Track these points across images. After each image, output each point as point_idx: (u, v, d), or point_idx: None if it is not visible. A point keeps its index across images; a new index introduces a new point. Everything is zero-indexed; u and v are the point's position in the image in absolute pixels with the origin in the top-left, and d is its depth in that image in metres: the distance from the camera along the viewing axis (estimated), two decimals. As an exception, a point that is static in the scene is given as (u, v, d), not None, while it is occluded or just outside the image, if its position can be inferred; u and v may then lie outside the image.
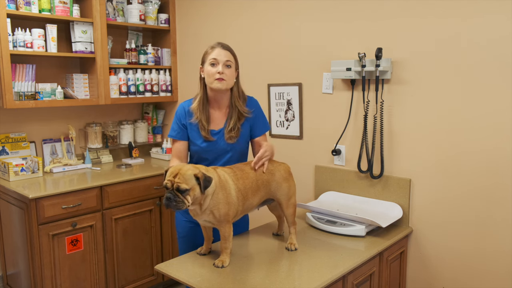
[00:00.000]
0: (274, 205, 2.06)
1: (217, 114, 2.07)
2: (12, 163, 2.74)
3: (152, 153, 3.59)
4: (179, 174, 1.62)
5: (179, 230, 2.16)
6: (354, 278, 1.87)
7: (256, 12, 2.90)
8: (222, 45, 1.99)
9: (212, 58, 1.96)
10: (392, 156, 2.33)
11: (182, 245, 2.16)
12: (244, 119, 2.06)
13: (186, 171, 1.63)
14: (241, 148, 2.10)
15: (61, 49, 3.07)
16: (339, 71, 2.37)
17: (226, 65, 1.97)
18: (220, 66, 1.95)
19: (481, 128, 2.02)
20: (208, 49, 2.00)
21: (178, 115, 2.07)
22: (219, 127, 2.06)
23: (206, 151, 2.05)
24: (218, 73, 1.94)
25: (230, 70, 1.98)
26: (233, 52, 2.02)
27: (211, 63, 1.97)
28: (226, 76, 1.96)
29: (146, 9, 3.36)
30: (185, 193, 1.61)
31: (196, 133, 2.04)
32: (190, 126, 2.05)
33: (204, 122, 2.02)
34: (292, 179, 1.98)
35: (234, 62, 2.00)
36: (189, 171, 1.64)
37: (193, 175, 1.63)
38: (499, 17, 1.91)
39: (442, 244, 2.20)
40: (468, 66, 2.03)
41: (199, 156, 2.08)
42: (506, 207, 1.98)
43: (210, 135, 2.03)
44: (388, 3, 2.25)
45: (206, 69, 1.99)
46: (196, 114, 2.02)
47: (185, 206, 1.63)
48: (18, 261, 2.73)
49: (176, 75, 3.58)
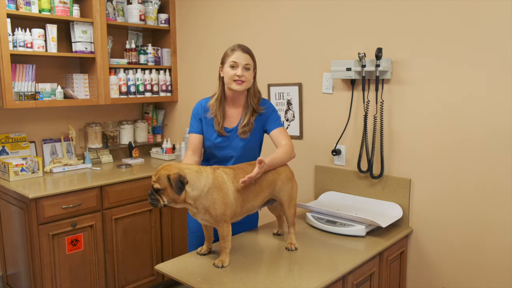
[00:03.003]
0: (275, 205, 2.06)
1: (232, 111, 2.12)
2: (12, 163, 2.74)
3: (152, 153, 3.59)
4: (157, 173, 1.67)
5: (190, 226, 2.20)
6: (354, 278, 1.87)
7: (256, 12, 2.90)
8: (242, 48, 2.04)
9: (232, 61, 2.02)
10: (392, 156, 2.33)
11: (192, 240, 2.20)
12: (256, 115, 2.11)
13: (162, 171, 1.67)
14: (253, 146, 2.13)
15: (61, 49, 3.07)
16: (339, 71, 2.37)
17: (245, 68, 2.03)
18: (240, 70, 2.01)
19: (481, 128, 2.02)
20: (228, 51, 2.05)
21: (195, 111, 2.16)
22: (233, 125, 2.11)
23: (219, 147, 2.10)
24: (237, 75, 2.01)
25: (249, 73, 2.05)
26: (252, 55, 2.08)
27: (231, 65, 2.02)
28: (245, 78, 2.02)
29: (146, 9, 3.36)
30: (159, 192, 1.66)
31: (211, 128, 2.11)
32: (205, 121, 2.12)
33: (219, 118, 2.08)
34: (295, 180, 2.00)
35: (253, 64, 2.07)
36: (164, 171, 1.66)
37: (166, 176, 1.65)
38: (501, 15, 1.92)
39: (442, 244, 2.20)
40: (468, 66, 2.03)
41: (211, 152, 2.14)
42: (506, 207, 1.99)
43: (224, 131, 2.09)
44: (388, 3, 2.25)
45: (225, 71, 2.04)
46: (212, 110, 2.10)
47: (159, 204, 1.68)
48: (18, 261, 2.73)
49: (176, 75, 3.58)
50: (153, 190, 1.67)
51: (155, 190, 1.67)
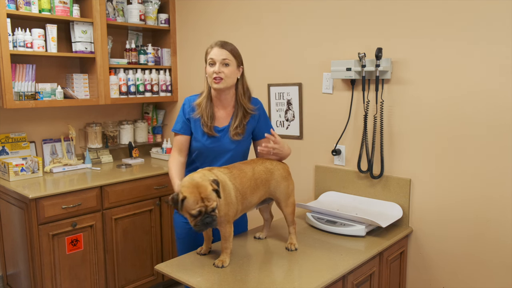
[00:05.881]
0: (265, 207, 2.05)
1: (221, 113, 2.06)
2: (12, 163, 2.74)
3: (152, 153, 3.59)
4: (203, 197, 1.60)
5: (178, 231, 2.15)
6: (354, 278, 1.87)
7: (256, 12, 2.90)
8: (220, 44, 1.97)
9: (210, 58, 1.97)
10: (392, 156, 2.33)
11: (180, 246, 2.15)
12: (249, 116, 2.06)
13: (207, 190, 1.61)
14: (244, 147, 2.10)
15: (61, 49, 3.07)
16: (339, 71, 2.37)
17: (224, 64, 1.95)
18: (217, 66, 1.94)
19: (481, 128, 2.02)
20: (208, 49, 2.00)
21: (184, 108, 2.07)
22: (224, 124, 2.05)
23: (209, 148, 2.03)
24: (214, 72, 1.94)
25: (229, 69, 1.96)
26: (233, 49, 1.99)
27: (209, 63, 1.97)
28: (224, 74, 1.94)
29: (146, 9, 3.36)
30: (215, 209, 1.63)
31: (199, 129, 2.03)
32: (193, 121, 2.04)
33: (206, 119, 2.00)
34: (291, 178, 1.98)
35: (233, 59, 1.98)
36: (208, 188, 1.62)
37: (211, 190, 1.62)
38: (502, 15, 1.91)
39: (442, 244, 2.20)
40: (469, 66, 2.03)
41: (200, 152, 2.06)
42: (506, 207, 1.98)
43: (214, 131, 2.02)
44: (388, 3, 2.25)
45: (206, 70, 2.00)
46: (198, 109, 2.02)
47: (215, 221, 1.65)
48: (18, 261, 2.73)
49: (176, 75, 3.58)
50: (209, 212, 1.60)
51: (212, 210, 1.61)
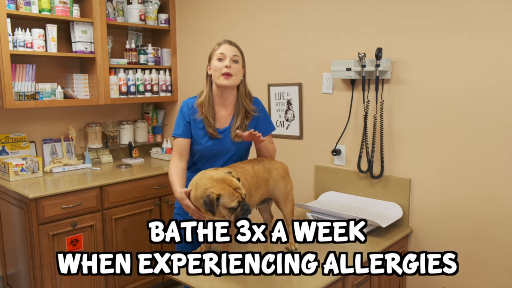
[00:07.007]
0: (264, 207, 2.06)
1: (222, 113, 2.04)
2: (12, 163, 2.74)
3: (152, 153, 3.59)
4: (236, 187, 1.64)
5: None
6: (354, 278, 1.87)
7: (256, 11, 2.90)
8: (229, 41, 2.00)
9: (219, 53, 1.96)
10: (392, 156, 2.33)
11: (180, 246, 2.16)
12: (251, 117, 2.05)
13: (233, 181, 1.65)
14: (245, 148, 2.09)
15: (61, 49, 3.07)
16: (339, 71, 2.37)
17: (234, 60, 1.96)
18: (227, 61, 1.94)
19: (481, 128, 2.02)
20: (215, 46, 2.00)
21: (183, 111, 2.04)
22: (224, 125, 2.04)
23: (210, 150, 2.02)
24: (225, 67, 1.93)
25: (238, 66, 1.97)
26: (240, 49, 2.02)
27: (218, 58, 1.96)
28: (233, 71, 1.95)
29: (146, 9, 3.36)
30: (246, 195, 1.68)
31: (201, 131, 2.01)
32: (195, 124, 2.02)
33: (211, 119, 1.99)
34: (289, 177, 1.98)
35: (241, 58, 2.00)
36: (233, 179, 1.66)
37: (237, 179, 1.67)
38: (499, 16, 1.92)
39: (442, 244, 2.20)
40: (469, 66, 2.03)
41: (202, 155, 2.05)
42: (507, 207, 1.98)
43: (217, 132, 2.00)
44: (388, 3, 2.25)
45: (213, 65, 1.98)
46: (202, 110, 2.00)
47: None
48: (18, 261, 2.73)
49: (176, 75, 3.58)
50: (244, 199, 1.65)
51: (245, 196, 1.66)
